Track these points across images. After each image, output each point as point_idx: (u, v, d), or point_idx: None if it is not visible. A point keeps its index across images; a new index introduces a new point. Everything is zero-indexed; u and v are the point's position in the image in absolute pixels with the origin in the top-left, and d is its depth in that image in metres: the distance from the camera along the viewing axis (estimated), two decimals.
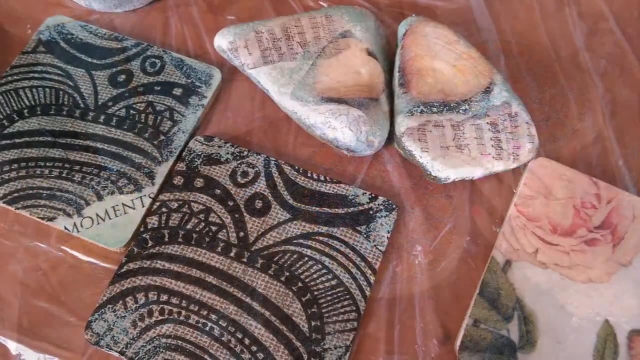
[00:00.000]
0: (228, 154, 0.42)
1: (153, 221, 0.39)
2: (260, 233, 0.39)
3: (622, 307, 0.37)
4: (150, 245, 0.39)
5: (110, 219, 0.40)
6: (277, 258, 0.38)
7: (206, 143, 0.43)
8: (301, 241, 0.39)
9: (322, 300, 0.37)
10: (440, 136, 0.40)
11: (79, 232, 0.39)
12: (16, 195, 0.40)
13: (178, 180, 0.41)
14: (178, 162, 0.42)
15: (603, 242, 0.39)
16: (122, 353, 0.35)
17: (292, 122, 0.45)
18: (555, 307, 0.37)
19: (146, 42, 0.47)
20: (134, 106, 0.44)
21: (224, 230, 0.39)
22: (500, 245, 0.39)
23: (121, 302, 0.37)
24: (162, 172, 0.42)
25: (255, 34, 0.43)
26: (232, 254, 0.38)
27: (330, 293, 0.37)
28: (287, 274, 0.38)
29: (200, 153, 0.42)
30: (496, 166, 0.40)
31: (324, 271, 0.38)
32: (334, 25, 0.43)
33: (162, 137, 0.43)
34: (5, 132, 0.42)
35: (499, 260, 0.38)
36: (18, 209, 0.40)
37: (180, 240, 0.39)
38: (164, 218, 0.40)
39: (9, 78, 0.45)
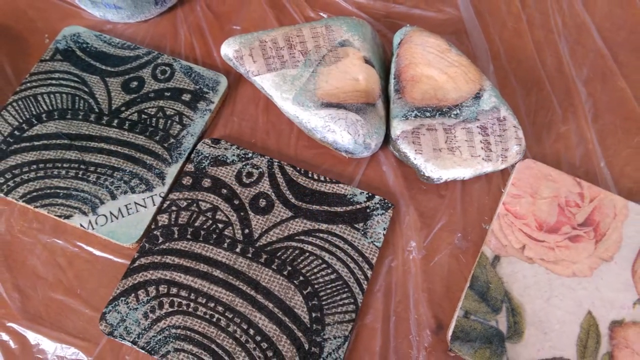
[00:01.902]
0: (234, 155, 0.42)
1: (163, 219, 0.40)
2: (263, 230, 0.39)
3: (604, 299, 0.37)
4: (160, 241, 0.39)
5: (123, 216, 0.40)
6: (279, 253, 0.38)
7: (213, 145, 0.43)
8: (302, 237, 0.39)
9: (322, 293, 0.37)
10: (433, 139, 0.40)
11: (93, 229, 0.39)
12: (35, 194, 0.40)
13: (187, 180, 0.41)
14: (187, 163, 0.42)
15: (586, 238, 0.39)
16: (134, 342, 0.35)
17: (294, 126, 0.45)
18: (541, 300, 0.37)
19: (157, 51, 0.48)
20: (145, 111, 0.44)
21: (230, 227, 0.39)
22: (489, 241, 0.39)
23: (133, 294, 0.37)
24: (171, 172, 0.42)
25: (259, 43, 0.43)
26: (238, 250, 0.38)
27: (329, 286, 0.37)
28: (289, 268, 0.38)
29: (207, 155, 0.42)
30: (485, 167, 0.40)
31: (324, 266, 0.38)
32: (333, 34, 0.43)
33: (172, 140, 0.43)
34: (25, 135, 0.43)
35: (488, 256, 0.38)
36: (36, 207, 0.40)
37: (188, 236, 0.39)
38: (173, 216, 0.40)
39: (28, 84, 0.45)
